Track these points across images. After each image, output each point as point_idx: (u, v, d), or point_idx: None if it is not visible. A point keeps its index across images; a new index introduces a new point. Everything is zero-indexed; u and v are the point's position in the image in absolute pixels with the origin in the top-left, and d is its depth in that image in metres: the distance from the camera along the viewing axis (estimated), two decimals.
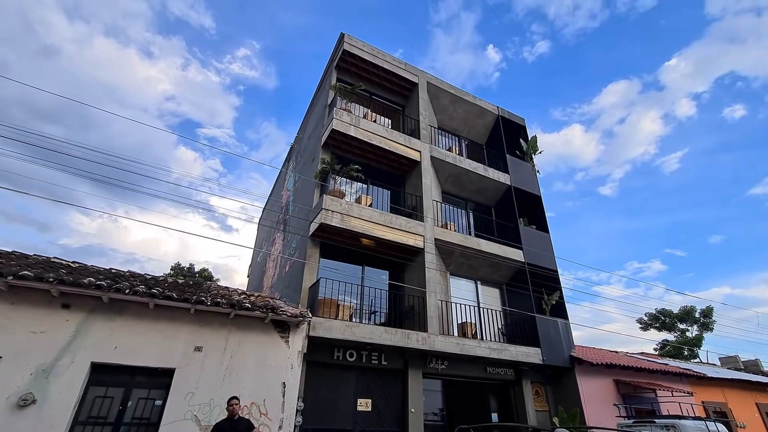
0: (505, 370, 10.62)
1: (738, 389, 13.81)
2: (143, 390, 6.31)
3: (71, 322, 6.06)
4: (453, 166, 12.31)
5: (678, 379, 12.56)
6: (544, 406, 10.88)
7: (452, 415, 10.68)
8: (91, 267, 8.07)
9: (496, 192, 13.46)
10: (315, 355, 8.32)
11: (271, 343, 7.31)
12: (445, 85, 13.85)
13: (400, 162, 11.75)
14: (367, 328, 8.39)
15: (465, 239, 11.00)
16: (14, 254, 7.01)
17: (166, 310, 6.66)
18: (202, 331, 6.84)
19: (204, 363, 6.65)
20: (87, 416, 5.86)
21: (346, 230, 9.31)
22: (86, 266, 7.95)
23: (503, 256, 11.50)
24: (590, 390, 10.49)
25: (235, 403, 5.28)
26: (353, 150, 11.22)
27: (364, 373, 8.85)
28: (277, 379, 7.08)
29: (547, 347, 10.58)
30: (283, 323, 7.53)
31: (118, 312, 6.38)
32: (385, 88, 13.36)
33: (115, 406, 6.07)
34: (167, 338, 6.54)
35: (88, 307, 6.22)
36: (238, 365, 6.87)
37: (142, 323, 6.47)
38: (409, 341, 8.69)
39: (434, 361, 9.60)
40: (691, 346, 32.70)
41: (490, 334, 11.08)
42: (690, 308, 35.02)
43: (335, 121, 10.46)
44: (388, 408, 8.80)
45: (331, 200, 9.34)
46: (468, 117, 14.55)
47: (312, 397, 8.07)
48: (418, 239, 10.20)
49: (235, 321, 7.16)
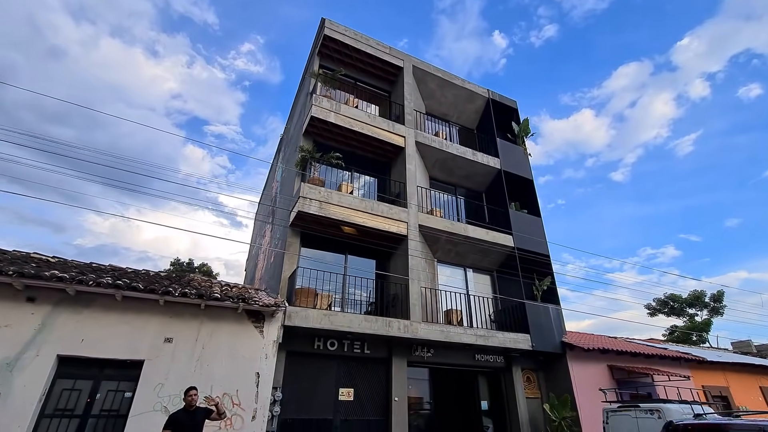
0: (494, 357, 10.43)
1: (741, 373, 13.45)
2: (112, 382, 6.26)
3: (36, 315, 6.00)
4: (439, 151, 12.02)
5: (677, 363, 12.24)
6: (536, 392, 10.69)
7: (440, 403, 10.57)
8: (71, 261, 8.02)
9: (486, 177, 13.14)
10: (294, 344, 8.22)
11: (244, 333, 7.21)
12: (432, 69, 13.49)
13: (384, 148, 11.50)
14: (346, 317, 8.25)
15: (451, 225, 10.76)
16: None
17: (134, 302, 6.58)
18: (172, 323, 6.76)
19: (174, 354, 6.57)
20: (54, 409, 5.83)
21: (326, 218, 9.14)
22: (65, 261, 7.91)
23: (492, 242, 11.23)
24: (582, 376, 10.26)
25: (194, 394, 5.18)
26: (335, 137, 10.99)
27: (346, 362, 8.74)
28: (250, 369, 6.98)
29: (537, 333, 10.35)
30: (257, 313, 7.42)
31: (85, 305, 6.32)
32: (370, 73, 13.06)
33: (83, 398, 6.03)
34: (136, 330, 6.47)
35: (53, 300, 6.16)
36: (210, 356, 6.78)
37: (109, 315, 6.40)
38: (390, 329, 8.53)
39: (419, 349, 9.44)
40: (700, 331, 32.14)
41: (480, 321, 10.88)
42: (700, 293, 34.34)
43: (314, 108, 10.23)
44: (371, 397, 8.68)
45: (309, 188, 9.16)
46: (457, 101, 14.19)
47: (291, 387, 7.99)
48: (401, 226, 9.98)
49: (208, 312, 7.06)
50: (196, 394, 5.27)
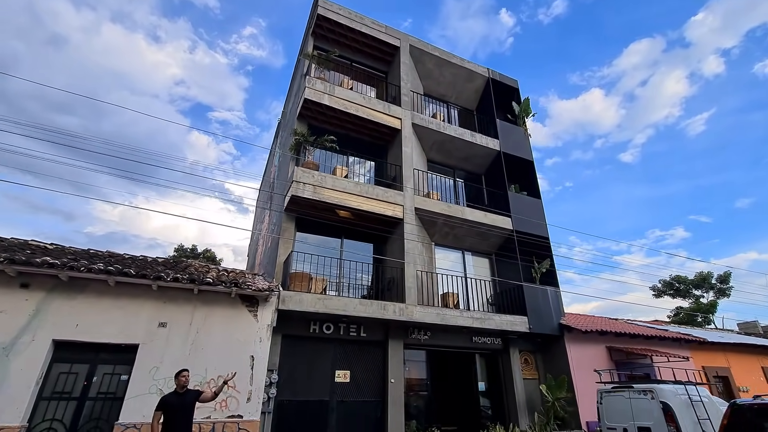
0: (492, 339, 10.45)
1: (742, 353, 13.38)
2: (108, 366, 6.36)
3: (31, 301, 6.07)
4: (437, 132, 11.79)
5: (677, 344, 12.19)
6: (534, 374, 10.73)
7: (437, 384, 10.67)
8: (68, 248, 8.07)
9: (486, 158, 12.91)
10: (290, 328, 8.29)
11: (238, 317, 7.25)
12: (430, 48, 13.14)
13: (380, 131, 11.31)
14: (340, 301, 8.26)
15: (448, 208, 10.64)
16: None
17: (127, 288, 6.62)
18: (166, 308, 6.81)
19: (169, 338, 6.64)
20: (51, 392, 5.94)
21: (320, 202, 9.07)
22: (63, 248, 7.96)
23: (490, 225, 11.11)
24: (580, 357, 10.26)
25: (185, 376, 5.22)
26: (330, 120, 10.81)
27: (342, 345, 8.80)
28: (245, 352, 7.05)
29: (534, 316, 10.31)
30: (251, 298, 7.45)
31: (79, 290, 6.37)
32: (366, 54, 12.75)
33: (79, 381, 6.14)
34: (130, 315, 6.53)
35: (47, 286, 6.21)
36: (204, 340, 6.85)
37: (103, 301, 6.45)
38: (385, 312, 8.54)
39: (416, 331, 9.47)
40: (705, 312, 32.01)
41: (477, 304, 10.86)
42: (706, 274, 34.05)
43: (308, 90, 10.04)
44: (368, 379, 8.77)
45: (303, 172, 9.06)
46: (456, 81, 13.85)
47: (288, 370, 8.09)
48: (397, 209, 9.89)
49: (201, 297, 7.10)
50: (187, 376, 5.32)
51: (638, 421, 6.46)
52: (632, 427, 6.49)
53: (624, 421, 6.67)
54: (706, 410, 6.28)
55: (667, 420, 6.12)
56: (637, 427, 6.43)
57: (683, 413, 6.17)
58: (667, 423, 6.10)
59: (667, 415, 6.14)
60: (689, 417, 6.17)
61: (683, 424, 6.06)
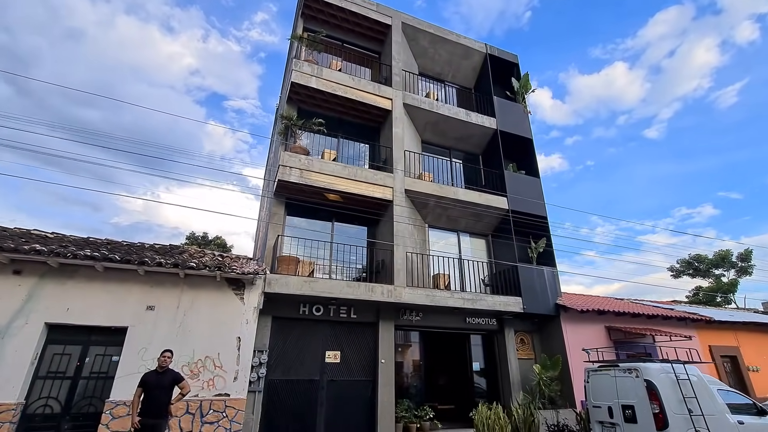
0: (486, 319, 10.41)
1: (753, 332, 12.94)
2: (100, 347, 6.64)
3: (23, 286, 6.34)
4: (430, 113, 11.55)
5: (682, 324, 11.88)
6: (530, 354, 10.68)
7: (431, 364, 10.76)
8: (68, 237, 8.37)
9: (482, 138, 12.61)
10: (280, 310, 8.45)
11: (225, 300, 7.42)
12: (424, 25, 12.76)
13: (371, 113, 11.15)
14: (327, 283, 8.33)
15: (440, 189, 10.49)
16: None
17: (116, 273, 6.84)
18: (153, 291, 7.01)
19: (156, 321, 6.86)
20: (47, 371, 6.27)
21: (308, 186, 9.08)
22: (63, 236, 8.27)
23: (485, 205, 10.93)
24: (577, 337, 10.12)
25: (167, 356, 5.42)
26: (320, 104, 10.72)
27: (332, 327, 8.92)
28: (231, 333, 7.23)
29: (529, 296, 10.19)
30: (237, 281, 7.59)
31: (69, 276, 6.62)
32: (358, 34, 12.49)
33: (73, 362, 6.45)
34: (118, 299, 6.76)
35: (39, 272, 6.47)
36: (191, 322, 7.05)
37: (92, 285, 6.69)
38: (373, 294, 8.58)
39: (407, 313, 9.51)
40: (725, 292, 31.06)
41: (473, 285, 10.80)
42: (726, 252, 32.92)
43: (294, 74, 9.94)
44: (359, 359, 8.90)
45: (289, 156, 9.06)
46: (452, 59, 13.46)
47: (278, 350, 8.28)
48: (386, 191, 9.82)
49: (188, 281, 7.28)
50: (170, 356, 5.51)
51: (623, 399, 6.37)
52: (617, 405, 6.41)
53: (609, 399, 6.59)
54: (693, 389, 6.12)
55: (650, 398, 6.01)
56: (621, 405, 6.34)
57: (668, 391, 6.04)
58: (650, 401, 5.99)
59: (651, 393, 6.03)
60: (674, 395, 6.04)
61: (667, 402, 5.94)
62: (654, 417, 5.89)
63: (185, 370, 6.72)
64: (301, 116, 10.41)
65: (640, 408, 6.09)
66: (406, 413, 8.83)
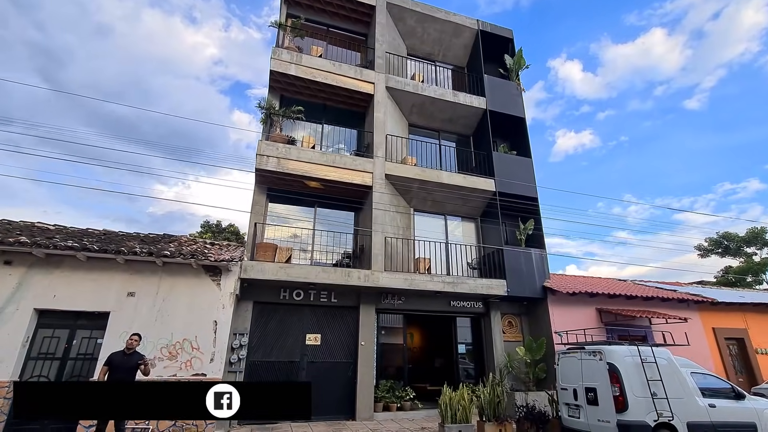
0: (472, 303, 10.40)
1: (764, 314, 12.29)
2: (86, 330, 7.14)
3: (14, 276, 6.87)
4: (414, 95, 11.36)
5: (684, 305, 11.43)
6: (518, 336, 10.62)
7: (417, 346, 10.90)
8: (68, 228, 8.95)
9: (472, 119, 12.32)
10: (261, 295, 8.77)
11: (202, 286, 7.76)
12: (410, 3, 12.43)
13: (354, 98, 11.08)
14: (302, 269, 8.54)
15: (422, 172, 10.40)
16: None
17: (99, 262, 7.28)
18: (134, 279, 7.43)
19: (137, 306, 7.28)
20: (38, 353, 6.82)
21: (286, 174, 9.22)
22: (63, 227, 8.85)
23: (470, 188, 10.76)
24: (565, 320, 9.95)
25: (135, 339, 5.77)
26: (301, 91, 10.75)
27: (313, 311, 9.17)
28: (208, 317, 7.59)
29: (514, 279, 10.07)
30: (214, 268, 7.91)
31: (55, 266, 7.10)
32: (343, 17, 12.33)
33: (61, 344, 6.98)
34: (101, 286, 7.21)
35: (27, 262, 6.97)
36: (170, 307, 7.44)
37: (77, 274, 7.16)
38: (349, 279, 8.73)
39: (389, 297, 9.64)
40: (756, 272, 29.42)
41: (459, 268, 10.76)
42: (759, 230, 31.08)
43: (273, 62, 10.00)
44: (340, 341, 9.14)
45: (267, 145, 9.21)
46: (442, 37, 13.09)
47: (259, 334, 8.62)
48: (366, 177, 9.83)
49: (167, 268, 7.64)
50: (137, 340, 5.85)
51: (587, 381, 6.28)
52: (581, 388, 6.34)
53: (575, 381, 6.51)
54: (659, 371, 5.97)
55: (611, 381, 5.90)
56: (585, 387, 6.27)
57: (630, 374, 5.91)
58: (611, 384, 5.89)
59: (612, 376, 5.92)
60: (638, 378, 5.90)
61: (629, 385, 5.82)
62: (614, 399, 5.81)
63: (164, 352, 7.16)
64: (285, 104, 10.50)
65: (602, 390, 6.00)
66: (387, 393, 9.05)
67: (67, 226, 9.33)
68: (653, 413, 5.70)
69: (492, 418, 6.70)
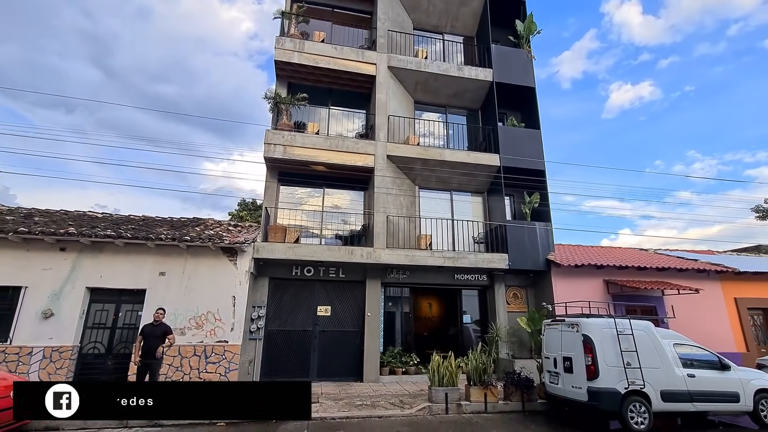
0: (477, 276, 10.79)
1: None
2: (129, 305, 8.46)
3: (68, 260, 8.21)
4: (417, 72, 11.41)
5: (703, 275, 11.08)
6: (523, 308, 10.94)
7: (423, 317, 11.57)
8: (113, 216, 10.39)
9: (479, 92, 12.17)
10: (276, 272, 9.73)
11: (221, 266, 8.79)
12: None
13: (357, 80, 11.33)
14: (308, 248, 9.32)
15: (424, 151, 10.64)
16: (34, 211, 9.38)
17: (134, 246, 8.46)
18: (164, 260, 8.58)
19: (168, 284, 8.46)
20: (92, 323, 8.23)
21: (292, 160, 9.88)
22: (109, 215, 10.29)
23: (474, 164, 10.88)
24: (568, 292, 10.09)
25: (160, 313, 6.87)
26: (305, 77, 11.17)
27: (323, 285, 10.03)
28: (228, 293, 8.65)
29: (517, 252, 10.29)
30: (231, 249, 8.88)
31: (100, 250, 8.37)
32: None
33: (110, 316, 8.34)
34: (137, 267, 8.43)
35: (78, 248, 8.28)
36: (195, 284, 8.56)
37: (118, 257, 8.40)
38: (353, 256, 9.42)
39: (393, 272, 10.26)
40: None
41: (465, 243, 11.10)
42: None
43: (277, 51, 10.46)
44: (348, 313, 9.99)
45: (273, 134, 9.85)
46: (449, 7, 12.79)
47: (275, 306, 9.65)
48: (368, 159, 10.26)
49: (190, 250, 8.72)
50: (163, 313, 6.96)
51: (565, 351, 6.63)
52: (560, 357, 6.70)
53: (555, 351, 6.87)
54: (635, 342, 6.19)
55: (585, 351, 6.22)
56: (563, 356, 6.62)
57: (605, 345, 6.18)
58: (585, 354, 6.21)
59: (586, 346, 6.22)
60: (612, 349, 6.17)
61: (602, 355, 6.10)
62: (586, 368, 6.14)
63: (192, 322, 8.34)
64: (293, 91, 11.01)
65: (577, 360, 6.34)
66: (393, 359, 9.88)
67: (113, 214, 10.74)
68: (624, 381, 6.00)
69: (477, 382, 7.28)
